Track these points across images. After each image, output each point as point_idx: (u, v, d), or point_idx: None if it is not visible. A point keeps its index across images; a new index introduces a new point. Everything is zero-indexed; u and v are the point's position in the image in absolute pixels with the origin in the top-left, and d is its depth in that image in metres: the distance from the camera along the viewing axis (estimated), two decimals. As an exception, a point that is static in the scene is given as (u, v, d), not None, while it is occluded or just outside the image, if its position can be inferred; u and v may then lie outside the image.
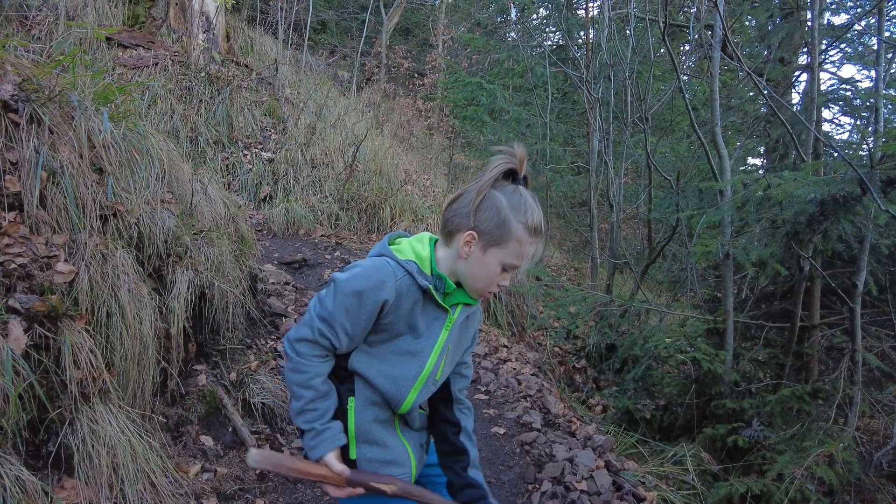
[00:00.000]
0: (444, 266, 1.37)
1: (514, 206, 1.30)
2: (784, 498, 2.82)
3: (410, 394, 1.38)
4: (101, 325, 2.28)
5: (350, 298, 1.27)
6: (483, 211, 1.30)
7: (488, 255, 1.31)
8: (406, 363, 1.36)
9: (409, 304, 1.32)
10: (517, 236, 1.30)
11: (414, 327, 1.35)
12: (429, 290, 1.32)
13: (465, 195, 1.34)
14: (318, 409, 1.31)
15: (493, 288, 1.38)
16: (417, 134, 10.70)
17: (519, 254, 1.32)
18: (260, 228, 5.83)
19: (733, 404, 3.44)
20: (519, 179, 1.34)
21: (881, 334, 3.60)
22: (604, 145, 5.90)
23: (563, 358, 5.16)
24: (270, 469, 1.32)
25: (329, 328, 1.28)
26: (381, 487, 1.30)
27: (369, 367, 1.35)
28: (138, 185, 2.79)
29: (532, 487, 2.80)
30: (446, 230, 1.36)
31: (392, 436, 1.43)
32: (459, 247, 1.32)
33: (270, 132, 7.17)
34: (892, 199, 2.31)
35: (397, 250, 1.36)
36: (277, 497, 2.57)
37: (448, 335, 1.40)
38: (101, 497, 2.04)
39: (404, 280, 1.31)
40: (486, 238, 1.30)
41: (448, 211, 1.35)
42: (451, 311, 1.39)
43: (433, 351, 1.38)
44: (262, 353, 3.42)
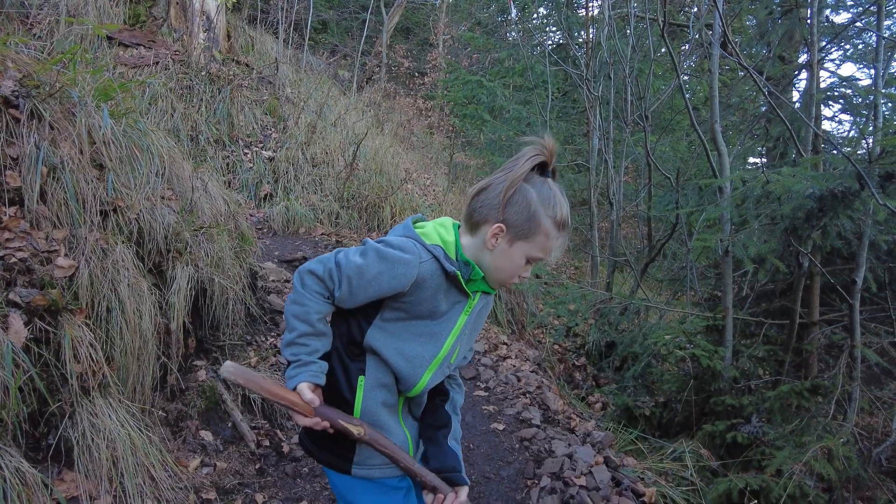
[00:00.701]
0: (469, 254, 1.36)
1: (544, 201, 1.29)
2: (783, 494, 2.82)
3: (425, 375, 1.38)
4: (101, 319, 2.29)
5: (372, 259, 1.28)
6: (513, 205, 1.29)
7: (514, 248, 1.31)
8: (424, 344, 1.37)
9: (433, 288, 1.32)
10: (545, 230, 1.29)
11: (435, 311, 1.35)
12: (456, 275, 1.32)
13: (493, 186, 1.32)
14: (309, 346, 1.32)
15: (515, 280, 1.38)
16: (418, 133, 10.71)
17: (545, 248, 1.32)
18: (260, 227, 5.84)
19: (732, 401, 3.44)
20: (548, 172, 1.33)
21: (880, 331, 3.61)
22: (604, 143, 5.91)
23: (562, 356, 5.17)
24: (242, 384, 1.29)
25: (338, 274, 1.29)
26: (348, 427, 1.30)
27: (385, 345, 1.35)
28: (138, 181, 2.80)
29: (531, 483, 2.80)
30: (472, 220, 1.35)
31: (395, 422, 1.43)
32: (486, 238, 1.31)
33: (271, 131, 7.18)
34: (890, 194, 2.31)
35: (423, 234, 1.36)
36: (277, 491, 2.58)
37: (466, 320, 1.41)
38: (101, 490, 2.05)
39: (429, 264, 1.30)
40: (514, 231, 1.30)
41: (475, 201, 1.34)
42: (472, 297, 1.39)
43: (451, 334, 1.39)
44: (262, 349, 3.42)
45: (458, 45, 12.93)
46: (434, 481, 1.37)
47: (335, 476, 1.46)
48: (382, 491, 1.43)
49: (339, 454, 1.41)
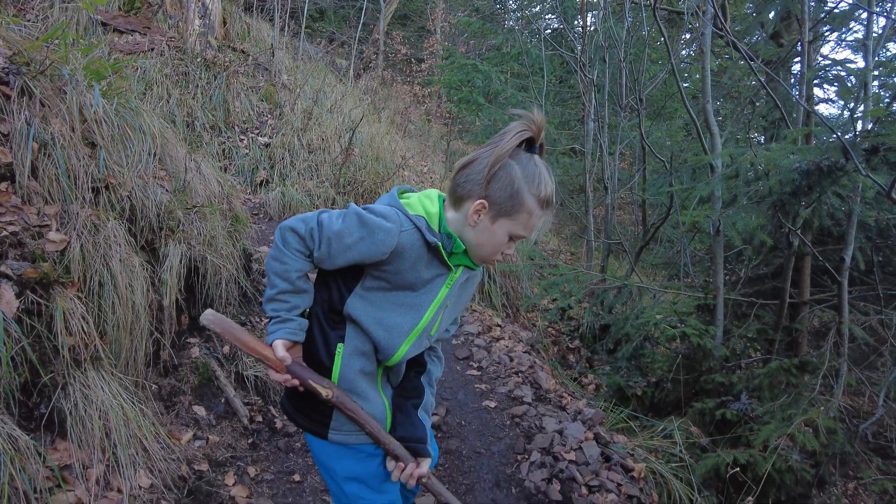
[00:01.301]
0: (452, 228, 1.36)
1: (529, 178, 1.28)
2: (769, 467, 2.86)
3: (403, 345, 1.40)
4: (93, 293, 2.31)
5: (353, 224, 1.28)
6: (497, 181, 1.28)
7: (497, 225, 1.31)
8: (403, 314, 1.37)
9: (413, 258, 1.32)
10: (528, 208, 1.29)
11: (415, 282, 1.36)
12: (437, 247, 1.32)
13: (478, 161, 1.31)
14: (289, 302, 1.34)
15: (498, 256, 1.38)
16: (415, 121, 10.70)
17: (528, 225, 1.31)
18: (256, 212, 5.86)
19: (722, 379, 3.48)
20: (535, 148, 1.32)
21: (869, 309, 3.63)
22: (598, 127, 5.91)
23: (556, 338, 5.20)
24: (220, 332, 1.34)
25: (319, 234, 1.30)
26: (317, 388, 1.33)
27: (365, 314, 1.36)
28: (131, 159, 2.81)
29: (521, 457, 2.84)
30: (456, 195, 1.34)
31: (373, 389, 1.45)
32: (469, 214, 1.31)
33: (267, 117, 7.18)
34: (874, 168, 2.32)
35: (407, 204, 1.36)
36: (269, 465, 2.62)
37: (448, 293, 1.41)
38: (94, 459, 2.08)
39: (411, 234, 1.30)
40: (497, 208, 1.29)
41: (459, 175, 1.34)
42: (454, 270, 1.40)
43: (431, 306, 1.40)
44: (257, 329, 3.45)
45: (456, 31, 12.88)
46: (397, 450, 1.40)
47: (314, 441, 1.49)
48: (359, 457, 1.46)
49: (317, 419, 1.44)
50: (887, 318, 3.32)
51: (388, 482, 1.52)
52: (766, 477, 2.95)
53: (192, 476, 2.31)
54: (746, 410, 3.30)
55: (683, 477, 3.15)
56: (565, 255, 7.73)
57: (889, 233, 3.56)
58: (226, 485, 2.37)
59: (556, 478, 2.67)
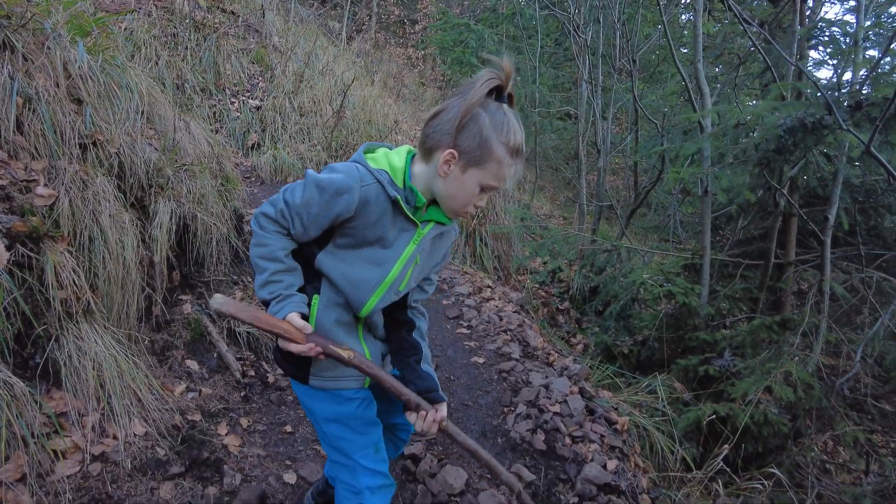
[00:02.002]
0: (419, 181, 1.36)
1: (497, 126, 1.27)
2: (746, 419, 2.95)
3: (371, 299, 1.43)
4: (83, 248, 2.34)
5: (313, 192, 1.29)
6: (466, 130, 1.27)
7: (467, 175, 1.31)
8: (370, 269, 1.40)
9: (377, 213, 1.33)
10: (498, 157, 1.28)
11: (382, 237, 1.37)
12: (397, 201, 1.33)
13: (447, 111, 1.30)
14: (284, 281, 1.35)
15: (470, 208, 1.39)
16: (409, 84, 10.58)
17: (498, 175, 1.31)
18: (248, 175, 5.85)
19: (707, 336, 3.55)
20: (503, 97, 1.31)
21: (851, 269, 3.69)
22: (591, 90, 5.87)
23: (546, 300, 5.27)
24: (233, 314, 1.31)
25: (288, 213, 1.32)
26: (339, 352, 1.36)
27: (334, 269, 1.39)
28: (118, 116, 2.81)
29: (507, 409, 2.93)
30: (425, 146, 1.34)
31: (353, 339, 1.49)
32: (438, 165, 1.31)
33: (258, 80, 7.10)
34: (857, 123, 2.34)
35: (371, 159, 1.36)
36: (261, 416, 2.69)
37: (415, 248, 1.42)
38: (89, 408, 2.14)
39: (372, 188, 1.31)
40: (467, 157, 1.29)
41: (428, 126, 1.33)
42: (421, 227, 1.41)
43: (398, 261, 1.41)
44: (249, 289, 3.49)
45: (451, -9, 12.62)
46: (417, 399, 1.45)
47: (297, 385, 1.56)
48: (338, 401, 1.52)
49: (299, 366, 1.49)
50: (868, 277, 3.39)
51: (371, 425, 1.59)
52: (745, 429, 3.05)
53: (186, 425, 2.37)
54: (729, 367, 3.38)
55: (665, 430, 3.26)
56: (557, 220, 7.77)
57: (874, 193, 3.59)
58: (218, 434, 2.44)
59: (541, 428, 2.75)
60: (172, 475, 2.13)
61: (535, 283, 5.34)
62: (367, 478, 1.56)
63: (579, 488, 2.45)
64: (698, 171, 3.32)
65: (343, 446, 1.55)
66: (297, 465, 2.42)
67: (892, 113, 2.06)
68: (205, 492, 2.12)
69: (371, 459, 1.56)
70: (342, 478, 1.60)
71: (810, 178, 3.19)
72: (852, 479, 3.47)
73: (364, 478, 1.56)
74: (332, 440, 1.56)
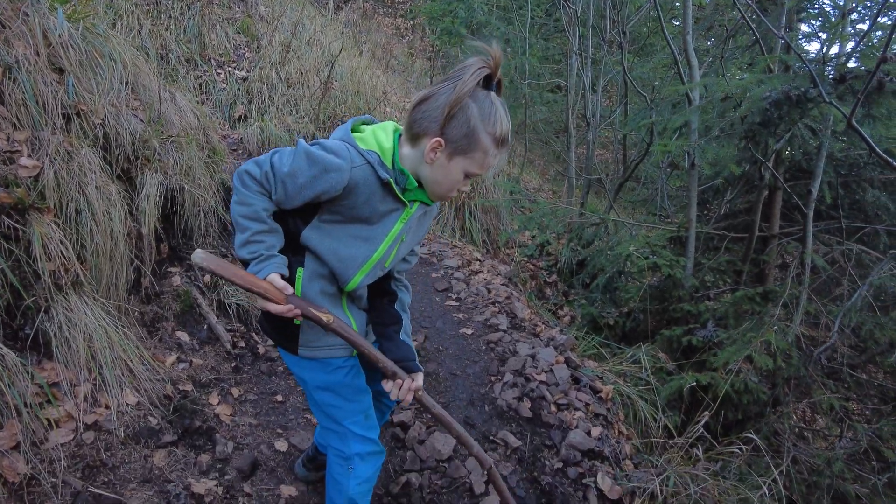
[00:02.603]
0: (407, 164, 1.37)
1: (485, 116, 1.28)
2: (727, 387, 3.03)
3: (357, 275, 1.46)
4: (70, 220, 2.33)
5: (302, 162, 1.29)
6: (454, 120, 1.28)
7: (453, 163, 1.32)
8: (357, 246, 1.41)
9: (367, 193, 1.34)
10: (484, 147, 1.30)
11: (369, 217, 1.38)
12: (389, 183, 1.33)
13: (435, 97, 1.29)
14: (266, 241, 1.35)
15: (454, 193, 1.41)
16: (398, 55, 10.43)
17: (483, 164, 1.33)
18: (235, 148, 5.78)
19: (691, 308, 3.62)
20: (492, 84, 1.31)
21: (832, 241, 3.76)
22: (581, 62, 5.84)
23: (534, 273, 5.33)
24: (213, 270, 1.28)
25: (273, 178, 1.32)
26: (318, 315, 1.38)
27: (320, 243, 1.40)
28: (101, 86, 2.77)
29: (495, 378, 2.98)
30: (412, 131, 1.34)
31: (338, 309, 1.52)
32: (425, 152, 1.32)
33: (244, 50, 6.96)
34: (841, 96, 2.36)
35: (360, 139, 1.36)
36: (252, 386, 2.73)
37: (403, 227, 1.44)
38: (81, 378, 2.16)
39: (363, 169, 1.31)
40: (453, 146, 1.30)
41: (416, 111, 1.33)
42: (409, 206, 1.42)
43: (386, 239, 1.43)
44: (238, 262, 3.50)
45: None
46: (394, 368, 1.49)
47: (286, 355, 1.59)
48: (327, 370, 1.56)
49: (288, 336, 1.52)
50: (848, 249, 3.45)
51: (360, 393, 1.63)
52: (725, 396, 3.14)
53: (177, 395, 2.41)
54: (712, 337, 3.46)
55: (649, 398, 3.34)
56: (547, 193, 7.79)
57: (857, 167, 3.64)
58: (210, 404, 2.48)
59: (527, 396, 2.81)
60: (165, 443, 2.17)
61: (524, 257, 5.38)
62: (358, 444, 1.60)
63: (564, 454, 2.52)
64: (685, 144, 3.34)
65: (334, 413, 1.59)
66: (288, 433, 2.47)
67: (874, 86, 2.08)
68: (197, 459, 2.16)
69: (361, 426, 1.61)
70: (333, 444, 1.64)
71: (795, 152, 3.22)
72: (827, 445, 3.60)
73: (354, 444, 1.60)
74: (323, 407, 1.60)
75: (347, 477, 1.61)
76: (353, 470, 1.60)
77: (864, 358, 3.56)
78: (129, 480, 1.95)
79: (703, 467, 2.65)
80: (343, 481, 1.62)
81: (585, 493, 2.37)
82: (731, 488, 2.52)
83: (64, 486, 1.81)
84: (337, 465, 1.64)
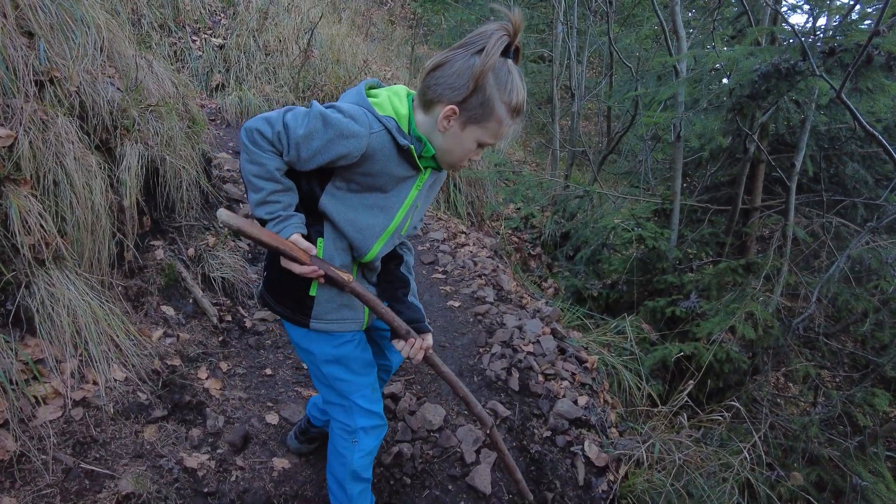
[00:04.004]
0: (421, 130, 1.34)
1: (501, 85, 1.24)
2: (710, 357, 3.11)
3: (375, 245, 1.44)
4: (48, 192, 2.25)
5: (318, 124, 1.24)
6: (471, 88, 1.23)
7: (466, 132, 1.29)
8: (375, 216, 1.39)
9: (383, 160, 1.31)
10: (499, 117, 1.27)
11: (384, 184, 1.36)
12: (410, 150, 1.30)
13: (450, 63, 1.25)
14: (282, 201, 1.32)
15: (465, 163, 1.38)
16: (378, 23, 10.19)
17: (497, 133, 1.30)
18: (213, 118, 5.63)
19: (674, 279, 3.68)
20: (510, 52, 1.27)
21: (812, 214, 3.83)
22: (566, 32, 5.77)
23: (519, 245, 5.35)
24: (240, 227, 1.26)
25: (286, 139, 1.26)
26: (340, 275, 1.38)
27: (338, 214, 1.37)
28: (75, 52, 2.65)
29: (483, 350, 3.01)
30: (425, 97, 1.30)
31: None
32: (438, 119, 1.28)
33: (220, 16, 6.74)
34: (829, 69, 2.38)
35: (376, 104, 1.32)
36: (240, 360, 2.71)
37: (417, 194, 1.42)
38: (67, 354, 2.12)
39: (380, 136, 1.28)
40: (468, 115, 1.26)
41: (430, 77, 1.29)
42: (424, 172, 1.40)
43: (402, 207, 1.41)
44: (221, 234, 3.44)
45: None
46: (407, 328, 1.50)
47: (293, 329, 1.56)
48: (336, 343, 1.55)
49: (298, 309, 1.50)
50: (828, 222, 3.52)
51: (368, 366, 1.64)
52: (708, 366, 3.22)
53: (166, 370, 2.38)
54: (695, 308, 3.52)
55: (633, 368, 3.41)
56: (531, 165, 7.77)
57: (839, 141, 3.69)
58: (199, 378, 2.46)
59: (515, 367, 2.85)
60: (155, 418, 2.15)
61: (509, 229, 5.39)
62: (363, 418, 1.61)
63: (552, 422, 2.57)
64: (672, 116, 3.34)
65: (341, 387, 1.59)
66: (278, 406, 2.46)
67: (863, 60, 2.09)
68: (188, 434, 2.15)
69: (367, 399, 1.62)
70: (338, 418, 1.64)
71: (780, 125, 3.24)
72: (800, 411, 3.73)
73: (360, 418, 1.61)
74: (330, 381, 1.59)
75: (352, 450, 1.62)
76: (358, 443, 1.62)
77: (839, 327, 3.67)
78: (120, 456, 1.94)
79: (686, 434, 2.73)
80: (347, 454, 1.63)
81: (573, 460, 2.42)
82: (712, 454, 2.60)
83: (55, 462, 1.79)
84: (341, 438, 1.64)
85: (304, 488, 2.10)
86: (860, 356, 3.68)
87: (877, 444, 2.88)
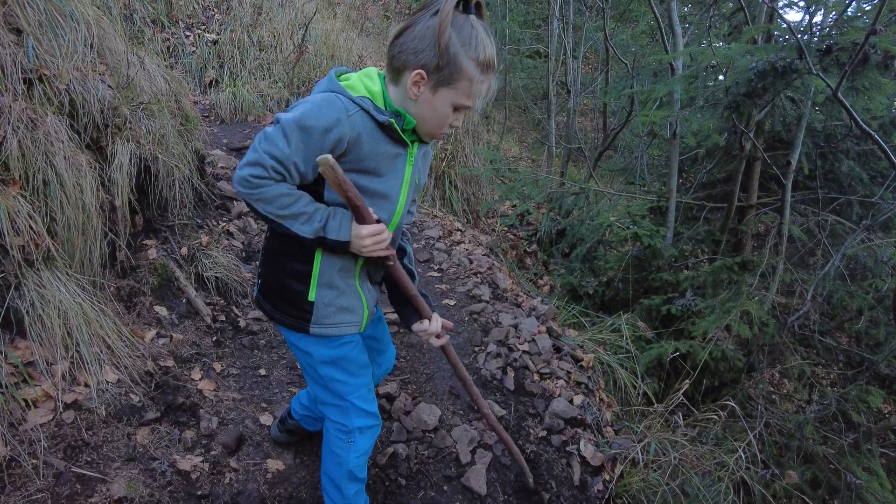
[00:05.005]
0: (396, 104, 1.31)
1: (465, 42, 1.21)
2: (705, 355, 3.10)
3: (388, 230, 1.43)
4: (38, 192, 2.22)
5: (297, 135, 1.21)
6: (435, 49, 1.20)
7: (438, 96, 1.26)
8: (380, 208, 1.38)
9: (369, 142, 1.28)
10: (468, 74, 1.23)
11: (377, 167, 1.33)
12: (391, 124, 1.27)
13: (412, 27, 1.23)
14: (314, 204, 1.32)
15: (446, 129, 1.35)
16: (373, 18, 10.13)
17: (470, 93, 1.26)
18: (207, 114, 5.60)
19: (670, 277, 3.67)
20: (471, 7, 1.23)
21: (808, 212, 3.83)
22: (562, 27, 5.74)
23: (514, 243, 5.34)
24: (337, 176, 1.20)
25: (283, 167, 1.24)
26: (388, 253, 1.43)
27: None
28: (64, 49, 2.61)
29: (478, 349, 3.00)
30: (393, 66, 1.28)
31: (350, 284, 1.49)
32: (408, 87, 1.25)
33: (213, 11, 6.68)
34: (826, 68, 2.37)
35: (348, 86, 1.29)
36: (234, 361, 2.69)
37: (412, 170, 1.41)
38: (58, 357, 2.10)
39: (358, 116, 1.25)
40: (436, 78, 1.23)
41: (394, 46, 1.26)
42: (411, 146, 1.37)
43: (402, 189, 1.41)
44: (214, 233, 3.41)
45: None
46: (427, 309, 1.57)
47: (291, 333, 1.55)
48: (334, 345, 1.54)
49: (297, 315, 1.48)
50: (823, 220, 3.52)
51: (364, 368, 1.63)
52: (703, 364, 3.21)
53: (159, 371, 2.36)
54: (690, 306, 3.52)
55: (629, 366, 3.40)
56: (526, 162, 7.76)
57: (834, 138, 3.69)
58: (192, 379, 2.44)
59: (511, 366, 2.84)
60: (148, 420, 2.13)
61: (504, 226, 5.38)
62: (359, 419, 1.61)
63: (547, 422, 2.56)
64: (668, 114, 3.33)
65: (338, 388, 1.58)
66: (272, 407, 2.45)
67: (860, 58, 2.08)
68: (182, 436, 2.14)
69: (364, 400, 1.62)
70: (333, 418, 1.64)
71: (775, 123, 3.24)
72: (795, 409, 3.74)
73: (356, 419, 1.61)
74: (327, 382, 1.59)
75: (348, 450, 1.62)
76: (354, 443, 1.61)
77: (834, 325, 3.67)
78: (112, 459, 1.92)
79: (682, 433, 2.73)
80: (343, 454, 1.63)
81: (569, 460, 2.41)
82: (708, 453, 2.61)
83: (46, 466, 1.77)
84: (337, 438, 1.64)
85: (299, 490, 2.08)
86: (855, 353, 3.69)
87: (871, 442, 2.89)
